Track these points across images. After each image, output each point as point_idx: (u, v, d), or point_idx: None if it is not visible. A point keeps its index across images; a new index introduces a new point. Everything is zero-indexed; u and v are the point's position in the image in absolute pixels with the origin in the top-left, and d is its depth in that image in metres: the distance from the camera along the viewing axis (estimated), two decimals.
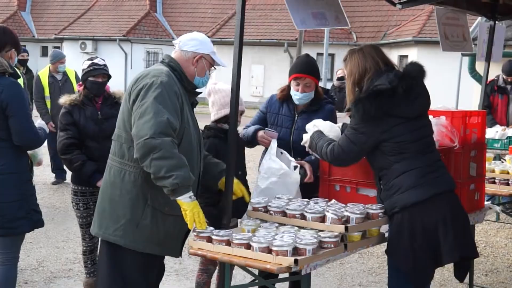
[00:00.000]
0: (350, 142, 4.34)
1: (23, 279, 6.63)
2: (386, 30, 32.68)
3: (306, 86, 5.14)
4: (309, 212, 4.20)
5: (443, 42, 6.75)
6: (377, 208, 4.31)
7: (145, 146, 3.82)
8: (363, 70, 4.41)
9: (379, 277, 7.04)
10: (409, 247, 4.24)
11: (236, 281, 6.08)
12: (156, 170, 3.84)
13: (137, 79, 4.11)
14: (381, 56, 4.48)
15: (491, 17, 7.11)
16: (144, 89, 3.98)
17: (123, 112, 4.14)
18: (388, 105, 4.21)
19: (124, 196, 4.11)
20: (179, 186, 3.86)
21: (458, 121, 5.08)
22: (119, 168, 4.13)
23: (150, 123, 3.84)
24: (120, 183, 4.12)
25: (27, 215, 4.89)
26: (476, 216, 5.33)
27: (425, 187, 4.24)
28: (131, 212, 4.10)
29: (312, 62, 5.25)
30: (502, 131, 8.91)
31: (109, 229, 4.15)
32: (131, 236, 4.11)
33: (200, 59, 4.31)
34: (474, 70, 13.49)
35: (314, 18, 5.03)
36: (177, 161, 3.87)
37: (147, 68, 4.26)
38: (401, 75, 4.33)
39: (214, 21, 38.39)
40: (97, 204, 4.31)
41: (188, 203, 3.94)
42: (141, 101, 3.95)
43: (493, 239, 8.76)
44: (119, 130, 4.17)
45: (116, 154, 4.17)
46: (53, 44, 40.32)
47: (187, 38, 4.35)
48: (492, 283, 6.96)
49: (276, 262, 3.73)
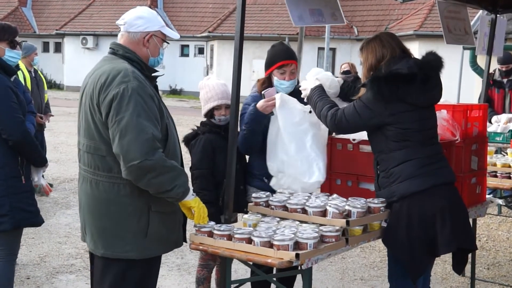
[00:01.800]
0: (355, 113, 4.33)
1: (25, 275, 6.64)
2: (388, 24, 32.61)
3: (291, 73, 5.03)
4: (310, 207, 4.19)
5: (446, 35, 6.74)
6: (379, 202, 4.31)
7: (139, 170, 3.63)
8: (380, 55, 4.43)
9: (381, 271, 7.04)
10: (405, 237, 4.25)
11: (238, 275, 6.09)
12: (157, 188, 3.73)
13: (102, 86, 3.72)
14: (397, 42, 4.50)
15: (492, 10, 7.10)
16: (116, 101, 3.65)
17: (93, 122, 3.78)
18: (402, 90, 4.22)
19: (124, 210, 3.82)
20: (183, 194, 3.83)
21: (460, 115, 5.08)
22: (110, 182, 3.80)
23: (137, 144, 3.60)
24: (115, 197, 3.81)
25: (9, 212, 4.78)
26: (477, 209, 5.33)
27: (424, 177, 4.25)
28: (137, 224, 3.84)
29: (290, 48, 5.17)
30: (504, 125, 8.90)
31: (116, 247, 3.84)
32: (142, 246, 3.87)
33: (150, 38, 3.95)
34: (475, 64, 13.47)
35: (311, 15, 5.03)
36: (173, 172, 3.76)
37: (104, 66, 3.85)
38: (420, 63, 4.34)
39: (215, 16, 38.35)
40: (90, 223, 3.92)
41: (194, 200, 3.93)
42: (116, 116, 3.64)
43: (495, 232, 8.76)
44: (94, 142, 3.81)
45: (99, 168, 3.81)
46: (54, 40, 40.37)
47: (132, 17, 3.95)
48: (494, 277, 6.96)
49: (277, 256, 3.73)
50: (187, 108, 29.07)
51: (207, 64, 37.72)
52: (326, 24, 5.25)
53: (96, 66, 3.97)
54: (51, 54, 40.44)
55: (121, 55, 3.93)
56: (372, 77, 4.30)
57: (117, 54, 3.95)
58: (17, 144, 4.83)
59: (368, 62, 4.47)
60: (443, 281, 6.76)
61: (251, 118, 4.83)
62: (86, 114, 3.84)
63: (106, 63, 3.90)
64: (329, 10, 5.09)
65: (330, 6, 5.10)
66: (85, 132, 3.87)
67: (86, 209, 3.94)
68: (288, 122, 4.74)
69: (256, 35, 32.33)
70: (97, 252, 3.92)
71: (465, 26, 7.03)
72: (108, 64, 3.88)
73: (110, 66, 3.84)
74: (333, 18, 5.13)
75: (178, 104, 31.63)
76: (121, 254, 3.85)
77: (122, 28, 3.98)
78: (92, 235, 3.92)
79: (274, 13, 33.08)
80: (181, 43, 39.27)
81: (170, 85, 38.37)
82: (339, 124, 4.41)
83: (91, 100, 3.78)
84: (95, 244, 3.91)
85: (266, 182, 4.97)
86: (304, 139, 4.73)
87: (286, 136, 4.72)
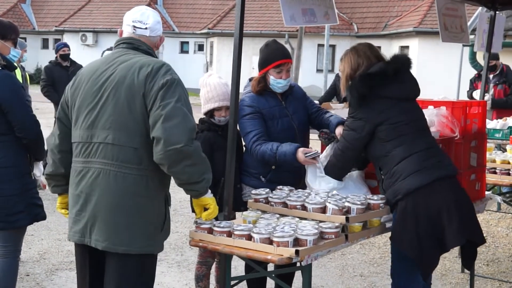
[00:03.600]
0: (349, 130, 4.46)
1: (24, 272, 6.65)
2: (387, 21, 32.62)
3: (287, 71, 5.04)
4: (310, 203, 4.20)
5: (442, 33, 6.75)
6: (378, 199, 4.32)
7: (179, 154, 3.60)
8: (356, 65, 4.56)
9: (381, 268, 7.05)
10: (414, 233, 4.25)
11: (238, 272, 6.09)
12: (189, 177, 3.71)
13: (149, 75, 3.72)
14: (374, 52, 4.63)
15: (492, 7, 7.10)
16: (164, 89, 3.67)
17: (130, 113, 3.72)
18: (379, 85, 4.37)
19: (150, 203, 3.78)
20: (207, 188, 3.87)
21: (459, 111, 5.08)
22: (139, 175, 3.73)
23: (181, 128, 3.61)
24: (144, 190, 3.75)
25: (25, 208, 4.86)
26: (477, 206, 5.33)
27: (426, 172, 4.28)
28: (157, 218, 3.83)
29: (285, 47, 5.16)
30: (503, 121, 8.92)
31: (138, 242, 3.76)
32: (159, 240, 3.88)
33: (162, 41, 4.11)
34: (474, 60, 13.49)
35: (303, 15, 5.03)
36: (205, 165, 3.79)
37: (134, 58, 3.83)
38: (388, 61, 4.53)
39: (215, 12, 38.35)
40: (107, 219, 3.75)
41: (212, 198, 3.98)
42: (161, 101, 3.64)
43: (494, 229, 8.77)
44: (128, 133, 3.72)
45: (128, 161, 3.71)
46: (53, 36, 40.34)
47: (154, 22, 3.98)
48: (493, 273, 6.97)
49: (277, 253, 3.74)
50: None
51: (206, 61, 37.72)
52: (318, 24, 5.22)
53: (119, 59, 3.86)
54: (51, 50, 40.33)
55: (144, 51, 3.93)
56: (348, 86, 4.47)
57: (139, 49, 3.93)
58: (31, 143, 4.89)
59: (345, 72, 4.62)
60: (442, 277, 6.76)
61: (285, 160, 4.74)
62: (119, 107, 3.74)
63: (134, 56, 3.85)
64: (323, 9, 5.09)
65: (324, 5, 5.10)
66: (112, 123, 3.75)
67: (102, 204, 3.75)
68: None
69: (255, 31, 32.32)
70: (117, 249, 3.75)
71: (461, 23, 7.04)
72: (138, 56, 3.85)
73: (144, 58, 3.84)
74: (325, 17, 5.13)
75: None
76: (143, 248, 3.78)
77: (141, 30, 3.95)
78: (111, 231, 3.75)
79: (274, 9, 33.07)
80: (181, 40, 39.27)
81: None
82: (343, 152, 4.53)
83: (132, 91, 3.72)
84: (114, 241, 3.74)
85: (262, 181, 4.98)
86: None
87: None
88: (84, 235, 3.84)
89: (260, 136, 4.85)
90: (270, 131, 4.92)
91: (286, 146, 4.72)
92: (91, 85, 3.84)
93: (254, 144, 4.84)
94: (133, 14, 3.98)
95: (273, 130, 4.93)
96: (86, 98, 3.84)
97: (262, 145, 4.80)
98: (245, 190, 5.07)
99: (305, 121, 5.11)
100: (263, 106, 4.97)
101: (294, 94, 5.16)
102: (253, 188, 4.89)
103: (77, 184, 3.86)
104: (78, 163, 3.87)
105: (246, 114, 4.90)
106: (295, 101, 5.14)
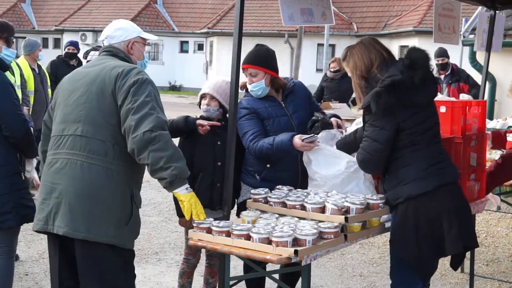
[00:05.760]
0: (372, 141, 4.26)
1: (23, 271, 6.64)
2: (387, 21, 32.64)
3: (253, 76, 4.99)
4: (309, 203, 4.20)
5: (435, 33, 6.75)
6: (377, 199, 4.31)
7: (144, 139, 3.81)
8: (369, 61, 4.37)
9: (380, 267, 7.05)
10: (413, 238, 4.22)
11: (237, 271, 6.09)
12: (154, 161, 3.83)
13: (120, 75, 3.97)
14: (381, 46, 4.47)
15: (491, 6, 7.08)
16: (135, 87, 3.93)
17: (98, 109, 3.97)
18: (407, 96, 4.17)
19: (114, 196, 3.96)
20: (177, 177, 3.87)
21: (459, 111, 5.07)
22: (104, 167, 3.94)
23: (148, 118, 3.84)
24: (109, 183, 3.95)
25: (13, 209, 4.77)
26: (476, 206, 5.32)
27: (429, 178, 4.22)
28: (122, 211, 3.99)
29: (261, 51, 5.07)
30: (503, 121, 8.91)
31: (100, 231, 3.92)
32: (122, 234, 4.00)
33: (133, 45, 4.29)
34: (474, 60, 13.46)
35: (301, 14, 5.02)
36: (175, 152, 3.89)
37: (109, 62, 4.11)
38: (409, 64, 4.26)
39: (215, 12, 38.37)
40: (72, 205, 3.92)
41: (185, 195, 3.96)
42: (133, 97, 3.90)
43: (494, 229, 8.77)
44: (95, 127, 3.96)
45: (95, 152, 3.94)
46: (53, 36, 40.39)
47: (111, 30, 4.27)
48: (493, 273, 6.97)
49: (276, 253, 3.74)
50: (186, 105, 29.05)
51: (206, 60, 37.73)
52: (315, 24, 5.22)
53: (96, 62, 4.19)
54: (50, 50, 40.40)
55: (121, 58, 4.21)
56: (373, 94, 4.18)
57: (117, 56, 4.22)
58: (19, 142, 4.82)
59: (358, 70, 4.39)
60: (442, 277, 6.76)
61: (282, 149, 4.75)
62: (89, 102, 4.00)
63: (111, 61, 4.14)
64: (320, 9, 5.08)
65: (321, 5, 5.09)
66: (82, 117, 3.99)
67: (67, 191, 3.94)
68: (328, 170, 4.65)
69: (255, 31, 32.34)
70: (77, 235, 3.93)
71: (454, 24, 7.03)
72: (114, 61, 4.13)
73: (119, 62, 4.12)
74: (322, 17, 5.12)
75: (178, 101, 31.64)
76: (103, 238, 3.94)
77: (105, 42, 4.29)
78: (73, 218, 3.92)
79: (274, 9, 33.06)
80: (181, 39, 39.29)
81: (170, 81, 38.40)
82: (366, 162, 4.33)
83: (102, 88, 3.98)
84: (75, 227, 3.92)
85: (257, 179, 4.98)
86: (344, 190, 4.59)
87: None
88: (47, 222, 4.02)
89: (257, 135, 4.89)
90: (267, 131, 4.93)
91: (283, 135, 4.78)
92: (69, 85, 4.16)
93: (251, 142, 4.87)
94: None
95: (270, 129, 4.94)
96: (64, 95, 4.14)
97: (259, 141, 4.85)
98: (242, 188, 5.08)
99: (306, 121, 5.07)
100: (259, 106, 5.00)
101: (296, 92, 5.14)
102: (249, 186, 4.90)
103: (45, 175, 4.10)
104: (49, 156, 4.12)
105: (243, 115, 4.95)
106: (297, 100, 5.12)
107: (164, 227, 8.56)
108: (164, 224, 8.70)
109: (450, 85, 10.95)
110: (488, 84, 12.02)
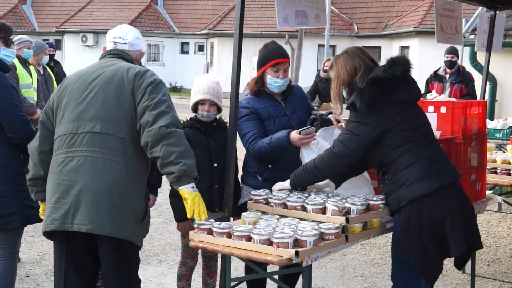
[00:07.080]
0: (352, 135, 4.26)
1: (24, 273, 6.65)
2: (387, 21, 32.63)
3: (285, 71, 5.05)
4: (309, 204, 4.19)
5: (438, 33, 6.75)
6: (378, 199, 4.31)
7: (159, 133, 3.89)
8: (352, 69, 4.39)
9: (381, 268, 7.05)
10: (418, 241, 4.19)
11: (238, 273, 6.09)
12: (165, 155, 3.88)
13: (137, 75, 4.08)
14: (366, 54, 4.49)
15: (492, 7, 7.09)
16: (152, 86, 4.05)
17: (118, 106, 4.03)
18: (391, 89, 4.21)
19: (135, 193, 4.05)
20: (185, 173, 3.90)
21: (459, 111, 5.07)
22: (125, 164, 3.99)
23: (165, 115, 3.95)
24: (130, 179, 4.01)
25: (17, 210, 4.80)
26: (477, 206, 5.32)
27: (431, 179, 4.20)
28: (140, 208, 4.08)
29: (283, 47, 5.18)
30: (504, 121, 8.91)
31: (123, 227, 3.97)
32: (138, 231, 4.09)
33: (141, 55, 4.53)
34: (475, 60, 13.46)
35: (296, 17, 5.01)
36: (186, 150, 3.96)
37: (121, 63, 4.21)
38: (390, 64, 4.31)
39: (215, 13, 38.37)
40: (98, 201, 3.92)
41: (189, 193, 3.96)
42: (150, 95, 4.01)
43: (495, 229, 8.76)
44: (116, 124, 4.01)
45: (115, 149, 3.98)
46: (54, 37, 40.30)
47: (133, 38, 4.40)
48: (494, 273, 6.97)
49: (277, 254, 3.73)
50: (187, 106, 28.89)
51: (207, 62, 37.73)
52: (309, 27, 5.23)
53: (107, 64, 4.23)
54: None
55: (128, 60, 4.31)
56: (357, 91, 4.23)
57: (124, 58, 4.30)
58: (22, 143, 4.80)
59: (340, 78, 4.41)
60: (443, 277, 6.75)
61: (279, 146, 4.79)
62: (107, 99, 4.05)
63: (122, 62, 4.24)
64: (314, 11, 5.07)
65: (316, 7, 5.08)
66: (100, 115, 4.03)
67: (89, 188, 3.92)
68: None
69: (256, 32, 32.36)
70: (101, 231, 3.92)
71: (456, 24, 7.03)
72: (124, 62, 4.24)
73: (130, 64, 4.24)
74: (316, 20, 5.11)
75: (178, 102, 31.58)
76: (126, 234, 3.99)
77: (120, 45, 4.36)
78: (98, 214, 3.91)
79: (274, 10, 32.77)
80: (181, 40, 39.30)
81: (170, 83, 38.38)
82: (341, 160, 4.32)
83: (120, 87, 4.06)
84: (100, 224, 3.91)
85: (259, 180, 4.98)
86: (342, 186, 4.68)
87: None
88: (65, 221, 3.97)
89: (257, 136, 4.90)
90: (267, 131, 4.94)
91: (279, 133, 4.82)
92: (80, 85, 4.15)
93: (251, 144, 4.89)
94: (114, 32, 4.41)
95: (270, 129, 4.95)
96: (74, 95, 4.12)
97: (258, 142, 4.87)
98: (243, 190, 5.07)
99: (306, 121, 5.07)
100: (259, 106, 5.00)
101: (295, 94, 5.15)
102: (250, 187, 4.90)
103: (58, 174, 4.03)
104: (60, 155, 4.06)
105: (243, 116, 4.94)
106: (296, 100, 5.14)
107: (165, 228, 8.56)
108: (165, 225, 8.71)
109: (453, 85, 10.95)
110: (488, 84, 12.02)
